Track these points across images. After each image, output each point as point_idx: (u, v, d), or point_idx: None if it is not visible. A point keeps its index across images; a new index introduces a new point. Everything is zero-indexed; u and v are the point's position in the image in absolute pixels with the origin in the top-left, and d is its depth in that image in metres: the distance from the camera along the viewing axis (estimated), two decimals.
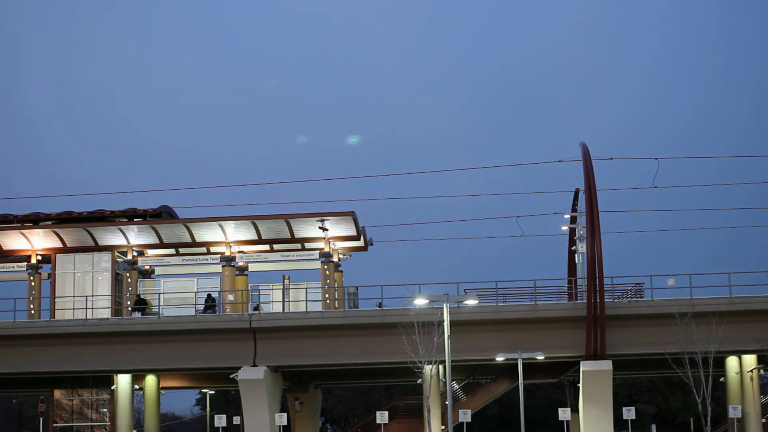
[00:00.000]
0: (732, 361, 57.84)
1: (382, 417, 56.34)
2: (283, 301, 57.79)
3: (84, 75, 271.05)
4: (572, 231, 64.12)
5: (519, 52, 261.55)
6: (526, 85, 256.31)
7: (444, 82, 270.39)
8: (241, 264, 58.09)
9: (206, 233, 58.03)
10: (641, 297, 55.87)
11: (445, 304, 42.85)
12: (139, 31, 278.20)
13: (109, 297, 57.80)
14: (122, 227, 57.60)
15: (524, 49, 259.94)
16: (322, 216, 56.43)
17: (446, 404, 48.20)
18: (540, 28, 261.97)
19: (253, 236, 57.84)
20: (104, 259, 58.58)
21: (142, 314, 56.28)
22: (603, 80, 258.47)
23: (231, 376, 54.97)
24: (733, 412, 55.17)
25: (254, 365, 54.46)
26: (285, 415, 56.06)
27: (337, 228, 57.11)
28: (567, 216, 64.07)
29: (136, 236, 58.07)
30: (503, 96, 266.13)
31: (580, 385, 53.52)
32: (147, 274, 60.10)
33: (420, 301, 45.60)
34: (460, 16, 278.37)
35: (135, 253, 58.92)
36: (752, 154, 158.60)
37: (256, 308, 57.09)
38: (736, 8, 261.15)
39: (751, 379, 57.08)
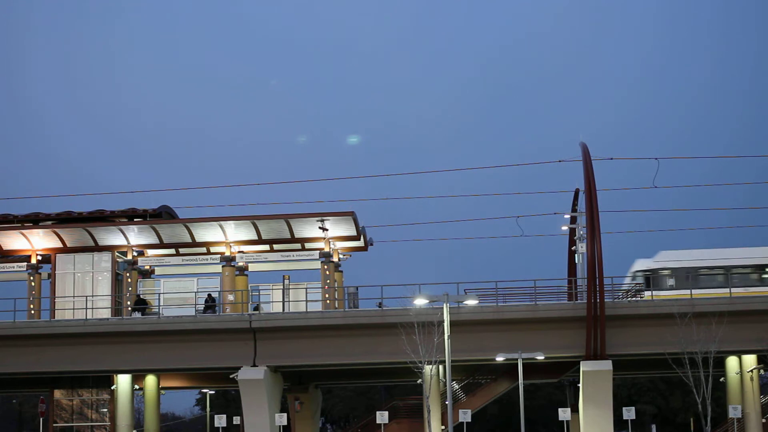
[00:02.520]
0: (732, 361, 57.82)
1: (382, 417, 56.34)
2: (283, 301, 57.79)
3: (88, 72, 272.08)
4: (572, 231, 64.06)
5: (516, 45, 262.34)
6: (523, 79, 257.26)
7: (444, 79, 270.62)
8: (241, 264, 58.07)
9: (206, 233, 58.01)
10: (641, 297, 55.87)
11: (445, 304, 42.85)
12: (139, 31, 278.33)
13: (109, 297, 57.78)
14: (122, 227, 57.57)
15: (520, 43, 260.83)
16: (322, 216, 56.42)
17: (446, 404, 48.20)
18: (536, 23, 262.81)
19: (253, 236, 57.82)
20: (104, 259, 58.54)
21: (142, 314, 56.27)
22: (598, 74, 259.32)
23: (231, 376, 54.95)
24: (733, 412, 55.13)
25: (254, 365, 54.44)
26: (285, 415, 56.05)
27: (337, 228, 57.09)
28: (567, 216, 64.00)
29: (136, 236, 58.04)
30: (502, 90, 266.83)
31: (580, 385, 53.51)
32: (147, 274, 60.07)
33: (420, 301, 45.58)
34: (459, 11, 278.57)
35: (135, 253, 58.90)
36: (747, 150, 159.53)
37: (256, 308, 57.09)
38: (731, 4, 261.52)
39: (751, 379, 57.08)
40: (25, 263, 59.11)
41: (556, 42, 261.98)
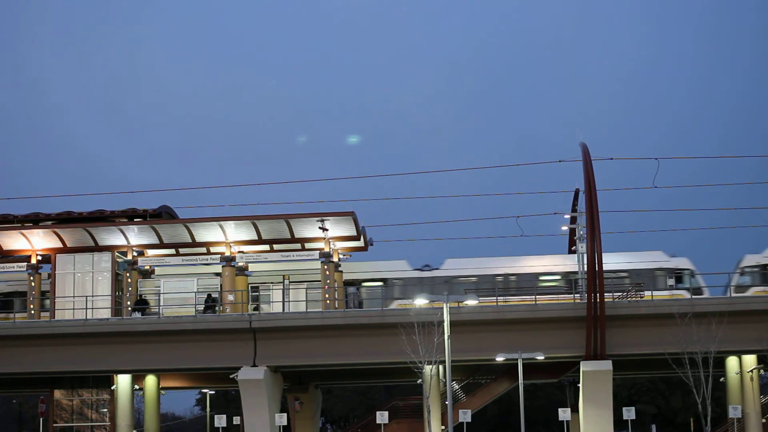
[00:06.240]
0: (732, 361, 57.85)
1: (382, 417, 56.32)
2: (283, 301, 57.77)
3: (95, 67, 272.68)
4: (572, 231, 63.96)
5: (513, 41, 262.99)
6: (520, 73, 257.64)
7: (444, 78, 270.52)
8: (241, 264, 58.06)
9: (206, 233, 57.99)
10: (641, 297, 55.87)
11: (445, 304, 42.83)
12: (139, 30, 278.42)
13: (109, 297, 57.76)
14: (122, 227, 57.56)
15: (517, 39, 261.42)
16: (322, 216, 56.39)
17: (446, 404, 48.17)
18: (532, 18, 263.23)
19: (253, 236, 57.81)
20: (104, 259, 58.53)
21: (142, 314, 56.26)
22: (592, 67, 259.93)
23: (231, 376, 54.94)
24: (733, 412, 55.12)
25: (254, 365, 54.43)
26: (285, 415, 56.06)
27: (337, 228, 57.07)
28: (567, 216, 63.92)
29: (136, 236, 58.03)
30: (498, 83, 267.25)
31: (580, 385, 53.51)
32: (147, 274, 60.06)
33: (420, 301, 45.55)
34: (459, 7, 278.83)
35: (135, 253, 58.89)
36: (740, 146, 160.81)
37: (256, 308, 57.08)
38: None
39: (751, 379, 57.11)
40: (25, 263, 59.11)
41: (552, 36, 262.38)
